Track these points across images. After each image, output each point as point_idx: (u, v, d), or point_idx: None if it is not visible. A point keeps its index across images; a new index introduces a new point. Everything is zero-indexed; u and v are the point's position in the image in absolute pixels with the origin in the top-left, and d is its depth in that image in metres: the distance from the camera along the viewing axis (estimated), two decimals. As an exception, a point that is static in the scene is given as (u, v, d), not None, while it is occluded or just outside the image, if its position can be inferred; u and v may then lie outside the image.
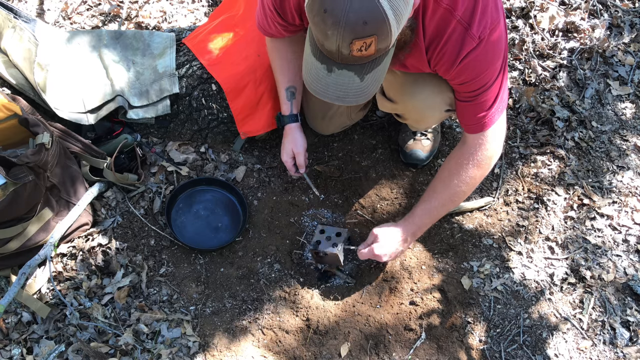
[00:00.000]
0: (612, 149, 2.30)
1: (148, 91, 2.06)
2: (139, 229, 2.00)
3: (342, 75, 1.28)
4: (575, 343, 1.87)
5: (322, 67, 1.29)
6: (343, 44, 1.18)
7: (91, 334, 1.77)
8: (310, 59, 1.31)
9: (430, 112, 1.82)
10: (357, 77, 1.29)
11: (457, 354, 1.83)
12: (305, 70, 1.35)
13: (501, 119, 1.65)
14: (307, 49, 1.33)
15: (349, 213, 2.13)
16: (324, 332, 1.85)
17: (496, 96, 1.57)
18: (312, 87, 1.35)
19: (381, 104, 1.95)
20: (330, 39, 1.18)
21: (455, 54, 1.46)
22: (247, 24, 2.10)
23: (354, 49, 1.19)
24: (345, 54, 1.21)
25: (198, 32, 2.17)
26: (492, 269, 2.00)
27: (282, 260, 2.00)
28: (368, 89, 1.32)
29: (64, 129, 1.90)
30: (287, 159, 1.96)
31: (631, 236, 2.08)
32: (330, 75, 1.29)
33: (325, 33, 1.18)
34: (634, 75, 2.51)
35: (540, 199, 2.16)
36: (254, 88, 2.05)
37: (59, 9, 2.47)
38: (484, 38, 1.43)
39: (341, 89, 1.32)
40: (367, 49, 1.19)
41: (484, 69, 1.49)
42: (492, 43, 1.46)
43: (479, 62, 1.47)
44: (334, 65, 1.27)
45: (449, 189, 1.74)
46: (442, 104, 1.77)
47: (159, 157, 2.11)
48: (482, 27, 1.41)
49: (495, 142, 1.68)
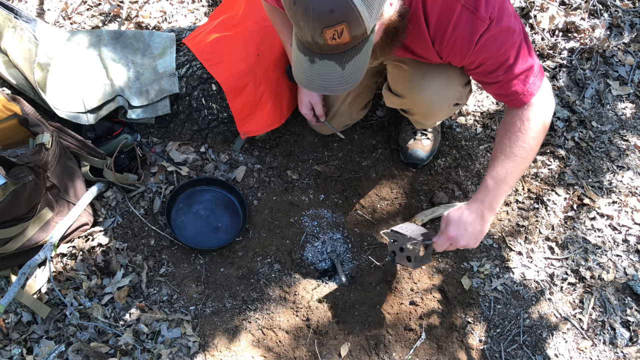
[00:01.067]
0: (612, 149, 2.30)
1: (148, 91, 2.06)
2: (139, 229, 2.00)
3: (323, 65, 1.30)
4: (575, 343, 1.87)
5: (305, 58, 1.31)
6: (315, 33, 1.20)
7: (91, 334, 1.77)
8: (295, 52, 1.34)
9: (438, 106, 1.81)
10: (338, 66, 1.30)
11: (457, 354, 1.83)
12: (293, 62, 1.38)
13: (543, 86, 1.56)
14: (293, 43, 1.35)
15: (349, 213, 2.13)
16: (324, 332, 1.85)
17: (527, 69, 1.51)
18: (298, 78, 1.38)
19: (388, 100, 1.94)
20: (303, 30, 1.21)
21: (468, 40, 1.43)
22: (247, 24, 2.10)
23: (327, 37, 1.20)
24: (321, 44, 1.23)
25: (198, 32, 2.17)
26: (492, 269, 2.00)
27: (282, 260, 2.00)
28: (350, 77, 1.33)
29: (63, 129, 1.90)
30: (306, 111, 2.02)
31: (631, 236, 2.08)
32: (313, 66, 1.31)
33: (298, 24, 1.21)
34: (634, 75, 2.51)
35: (540, 199, 2.16)
36: (254, 88, 2.05)
37: (59, 9, 2.46)
38: (494, 17, 1.40)
39: (324, 79, 1.33)
40: (339, 36, 1.20)
41: (501, 46, 1.45)
42: (505, 19, 1.42)
43: (494, 42, 1.44)
44: (315, 56, 1.29)
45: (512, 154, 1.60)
46: (451, 97, 1.76)
47: (159, 157, 2.11)
48: (490, 7, 1.39)
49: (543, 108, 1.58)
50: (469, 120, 2.36)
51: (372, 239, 2.08)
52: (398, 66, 1.78)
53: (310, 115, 2.03)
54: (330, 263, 2.00)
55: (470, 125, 2.35)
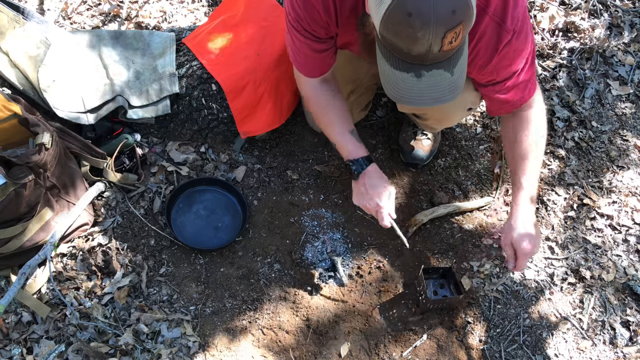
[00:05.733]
0: (612, 149, 2.30)
1: (148, 91, 2.06)
2: (139, 229, 2.00)
3: (433, 76, 1.25)
4: (575, 343, 1.87)
5: (409, 75, 1.25)
6: (435, 40, 1.14)
7: (91, 334, 1.77)
8: (392, 73, 1.26)
9: (454, 111, 1.81)
10: (447, 73, 1.25)
11: (457, 354, 1.83)
12: (391, 86, 1.30)
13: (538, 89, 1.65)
14: (384, 66, 1.28)
15: (349, 213, 2.13)
16: (324, 332, 1.85)
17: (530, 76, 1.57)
18: (404, 99, 1.31)
19: (401, 105, 1.94)
20: (420, 41, 1.15)
21: (491, 51, 1.44)
22: (247, 24, 2.10)
23: (445, 42, 1.15)
24: (436, 52, 1.17)
25: (198, 32, 2.17)
26: (492, 269, 2.00)
27: (282, 260, 2.00)
28: (458, 81, 1.29)
29: (64, 129, 1.90)
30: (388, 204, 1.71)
31: (631, 236, 2.08)
32: (421, 80, 1.25)
33: (414, 37, 1.14)
34: (634, 75, 2.51)
35: (540, 199, 2.16)
36: (253, 88, 2.05)
37: (59, 9, 2.46)
38: (517, 30, 1.41)
39: (435, 90, 1.28)
40: (457, 39, 1.16)
41: (517, 57, 1.48)
42: (525, 30, 1.45)
43: (512, 52, 1.46)
44: (422, 69, 1.23)
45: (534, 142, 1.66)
46: (466, 102, 1.76)
47: (159, 157, 2.11)
48: (516, 19, 1.40)
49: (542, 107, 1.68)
50: (469, 120, 2.36)
51: (372, 238, 2.08)
52: None
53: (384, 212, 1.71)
54: (330, 263, 2.00)
55: (470, 125, 2.35)
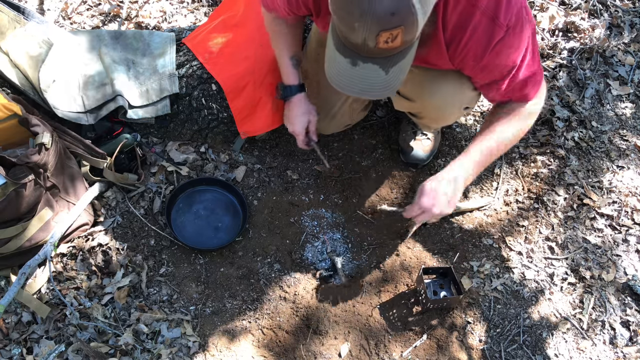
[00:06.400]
0: (612, 149, 2.30)
1: (148, 91, 2.06)
2: (139, 229, 2.00)
3: (367, 69, 1.26)
4: (575, 343, 1.87)
5: (346, 61, 1.26)
6: (369, 36, 1.15)
7: (91, 334, 1.77)
8: (334, 53, 1.29)
9: (449, 109, 1.80)
10: (382, 71, 1.26)
11: (457, 354, 1.83)
12: (329, 64, 1.33)
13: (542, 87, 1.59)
14: (329, 43, 1.30)
15: (349, 213, 2.13)
16: (324, 332, 1.85)
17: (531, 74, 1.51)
18: (335, 81, 1.33)
19: (397, 103, 1.93)
20: (356, 32, 1.16)
21: (483, 47, 1.42)
22: (247, 24, 2.10)
23: (380, 41, 1.16)
24: (371, 47, 1.18)
25: (198, 32, 2.17)
26: (492, 269, 2.00)
27: (282, 260, 2.00)
28: (393, 82, 1.30)
29: (64, 129, 1.90)
30: (301, 130, 1.89)
31: (631, 236, 2.08)
32: (355, 69, 1.27)
33: (351, 26, 1.16)
34: (634, 75, 2.51)
35: (540, 199, 2.16)
36: (253, 88, 2.05)
37: (59, 9, 2.47)
38: (511, 25, 1.39)
39: (366, 83, 1.29)
40: (393, 40, 1.16)
41: (512, 54, 1.45)
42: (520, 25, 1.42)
43: (508, 48, 1.43)
44: (359, 59, 1.24)
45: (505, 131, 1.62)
46: (462, 101, 1.75)
47: (159, 157, 2.11)
48: (509, 14, 1.38)
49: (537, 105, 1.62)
50: (469, 120, 2.36)
51: (372, 238, 2.08)
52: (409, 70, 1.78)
53: (303, 135, 1.90)
54: (330, 263, 2.00)
55: (470, 125, 2.35)
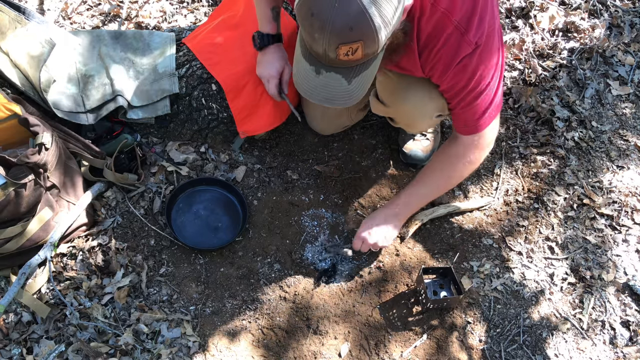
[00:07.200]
0: (612, 149, 2.30)
1: (148, 91, 2.06)
2: (139, 229, 2.00)
3: (329, 78, 1.29)
4: (575, 343, 1.87)
5: (310, 68, 1.30)
6: (329, 47, 1.19)
7: (91, 334, 1.77)
8: (300, 59, 1.32)
9: (420, 117, 1.82)
10: (344, 80, 1.29)
11: (457, 354, 1.83)
12: (295, 70, 1.36)
13: (495, 121, 1.67)
14: (297, 49, 1.34)
15: (349, 213, 2.13)
16: (324, 332, 1.85)
17: (491, 101, 1.58)
18: (300, 87, 1.36)
19: (374, 107, 1.95)
20: (317, 42, 1.20)
21: (450, 58, 1.46)
22: (247, 24, 2.10)
23: (340, 53, 1.20)
24: (332, 58, 1.22)
25: (198, 32, 2.17)
26: (492, 269, 2.00)
27: (282, 260, 2.00)
28: (355, 92, 1.33)
29: (64, 129, 1.90)
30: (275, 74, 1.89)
31: (631, 236, 2.08)
32: (318, 77, 1.30)
33: (313, 36, 1.19)
34: (634, 75, 2.51)
35: (540, 199, 2.16)
36: (253, 88, 2.05)
37: (59, 9, 2.47)
38: (480, 44, 1.43)
39: (328, 91, 1.32)
40: (353, 53, 1.20)
41: (477, 73, 1.49)
42: (488, 49, 1.47)
43: (473, 67, 1.48)
44: (322, 68, 1.28)
45: (439, 179, 1.82)
46: (433, 110, 1.76)
47: (159, 157, 2.11)
48: (479, 33, 1.42)
49: (487, 142, 1.72)
50: (469, 120, 2.36)
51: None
52: (386, 75, 1.79)
53: (275, 84, 1.91)
54: (330, 263, 2.00)
55: (470, 125, 2.35)
